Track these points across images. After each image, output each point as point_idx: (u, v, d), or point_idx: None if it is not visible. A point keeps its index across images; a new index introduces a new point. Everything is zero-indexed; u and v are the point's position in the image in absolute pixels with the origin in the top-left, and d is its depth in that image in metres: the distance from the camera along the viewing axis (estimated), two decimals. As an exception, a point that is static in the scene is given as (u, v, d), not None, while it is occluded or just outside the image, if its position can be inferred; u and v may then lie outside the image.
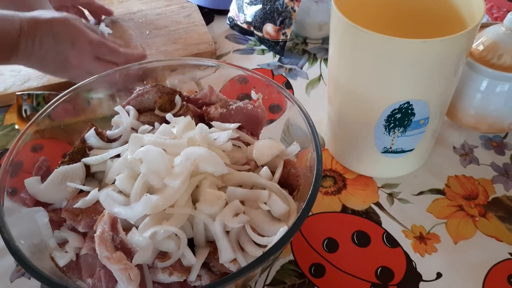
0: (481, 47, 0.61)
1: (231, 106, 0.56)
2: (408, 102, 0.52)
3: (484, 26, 0.65)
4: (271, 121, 0.62)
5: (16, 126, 0.69)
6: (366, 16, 0.59)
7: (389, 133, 0.56)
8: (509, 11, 0.60)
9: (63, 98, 0.58)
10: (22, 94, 0.69)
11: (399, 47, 0.48)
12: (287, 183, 0.52)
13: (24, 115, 0.69)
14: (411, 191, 0.61)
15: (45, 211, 0.48)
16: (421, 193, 0.61)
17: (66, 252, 0.45)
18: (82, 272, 0.44)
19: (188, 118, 0.53)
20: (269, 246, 0.42)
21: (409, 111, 0.53)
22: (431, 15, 0.59)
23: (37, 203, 0.48)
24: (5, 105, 0.74)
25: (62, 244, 0.47)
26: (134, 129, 0.56)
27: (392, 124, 0.55)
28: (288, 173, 0.52)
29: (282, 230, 0.43)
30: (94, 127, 0.54)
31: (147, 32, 0.85)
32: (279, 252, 0.43)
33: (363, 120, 0.57)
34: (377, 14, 0.61)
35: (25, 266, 0.40)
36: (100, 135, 0.54)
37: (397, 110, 0.53)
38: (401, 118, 0.54)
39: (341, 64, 0.55)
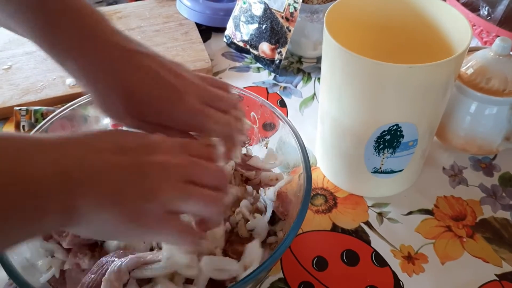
0: (470, 71, 0.63)
1: None
2: (397, 124, 0.53)
3: (473, 50, 0.66)
4: (265, 138, 0.63)
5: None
6: (358, 38, 0.60)
7: (378, 154, 0.57)
8: (498, 36, 0.62)
9: (60, 114, 0.59)
10: (20, 109, 0.70)
11: (386, 72, 0.49)
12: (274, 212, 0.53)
13: (22, 131, 0.69)
14: (401, 211, 0.62)
15: None
16: (410, 213, 0.62)
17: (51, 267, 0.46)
18: (67, 286, 0.45)
19: None
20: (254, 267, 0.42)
21: (398, 133, 0.54)
22: (422, 38, 0.61)
23: None
24: (2, 118, 0.75)
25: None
26: None
27: (382, 145, 0.56)
28: (277, 209, 0.53)
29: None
30: None
31: (145, 49, 0.87)
32: (267, 270, 0.44)
33: (353, 140, 0.58)
34: (369, 36, 0.63)
35: (16, 280, 0.41)
36: None
37: (386, 132, 0.54)
38: (390, 139, 0.55)
39: (332, 85, 0.56)
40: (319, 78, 0.83)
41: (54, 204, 0.33)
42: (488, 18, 0.76)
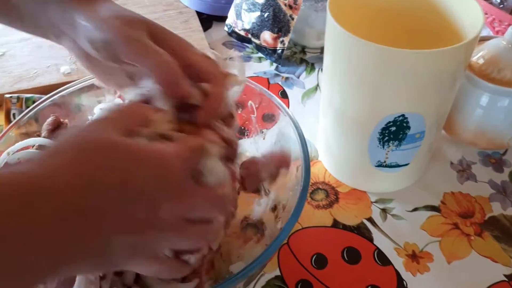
0: (481, 61, 0.60)
1: None
2: (403, 115, 0.51)
3: (485, 39, 0.63)
4: (261, 130, 0.60)
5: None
6: (363, 24, 0.57)
7: (383, 147, 0.54)
8: (510, 25, 0.58)
9: (49, 100, 0.57)
10: (11, 97, 0.68)
11: (392, 58, 0.46)
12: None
13: (12, 119, 0.67)
14: (405, 207, 0.59)
15: None
16: (415, 209, 0.59)
17: None
18: None
19: None
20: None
21: (404, 124, 0.51)
22: (432, 25, 0.58)
23: None
24: (-6, 106, 0.73)
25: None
26: None
27: (387, 137, 0.53)
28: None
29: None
30: (55, 115, 0.52)
31: (143, 37, 0.84)
32: (260, 266, 0.41)
33: (357, 132, 0.55)
34: (375, 23, 0.60)
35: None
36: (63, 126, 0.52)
37: (391, 123, 0.51)
38: (395, 131, 0.52)
39: (336, 73, 0.53)
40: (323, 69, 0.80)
41: None
42: (501, 6, 0.73)
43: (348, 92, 0.53)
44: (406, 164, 0.57)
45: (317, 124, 0.65)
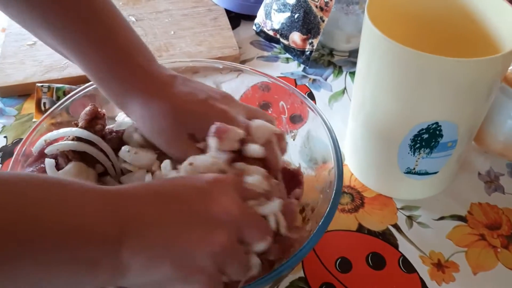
0: (515, 72, 0.59)
1: None
2: (436, 123, 0.50)
3: (520, 50, 0.62)
4: (291, 131, 0.60)
5: (34, 119, 0.69)
6: (399, 30, 0.57)
7: (414, 154, 0.54)
8: (547, 37, 0.58)
9: (81, 92, 0.57)
10: (42, 86, 0.69)
11: (430, 64, 0.46)
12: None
13: (42, 108, 0.68)
14: (432, 216, 0.59)
15: None
16: (442, 218, 0.59)
17: None
18: None
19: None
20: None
21: (437, 132, 0.51)
22: (468, 33, 0.57)
23: None
24: (24, 94, 0.74)
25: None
26: None
27: (418, 145, 0.53)
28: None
29: None
30: (93, 105, 0.53)
31: (172, 32, 0.84)
32: (289, 269, 0.41)
33: (387, 138, 0.55)
34: (411, 29, 0.59)
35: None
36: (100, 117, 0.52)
37: (424, 130, 0.51)
38: (428, 138, 0.52)
39: (369, 78, 0.53)
40: (350, 72, 0.80)
41: (106, 258, 0.33)
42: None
43: (381, 97, 0.53)
44: (435, 173, 0.56)
45: (343, 127, 0.65)
